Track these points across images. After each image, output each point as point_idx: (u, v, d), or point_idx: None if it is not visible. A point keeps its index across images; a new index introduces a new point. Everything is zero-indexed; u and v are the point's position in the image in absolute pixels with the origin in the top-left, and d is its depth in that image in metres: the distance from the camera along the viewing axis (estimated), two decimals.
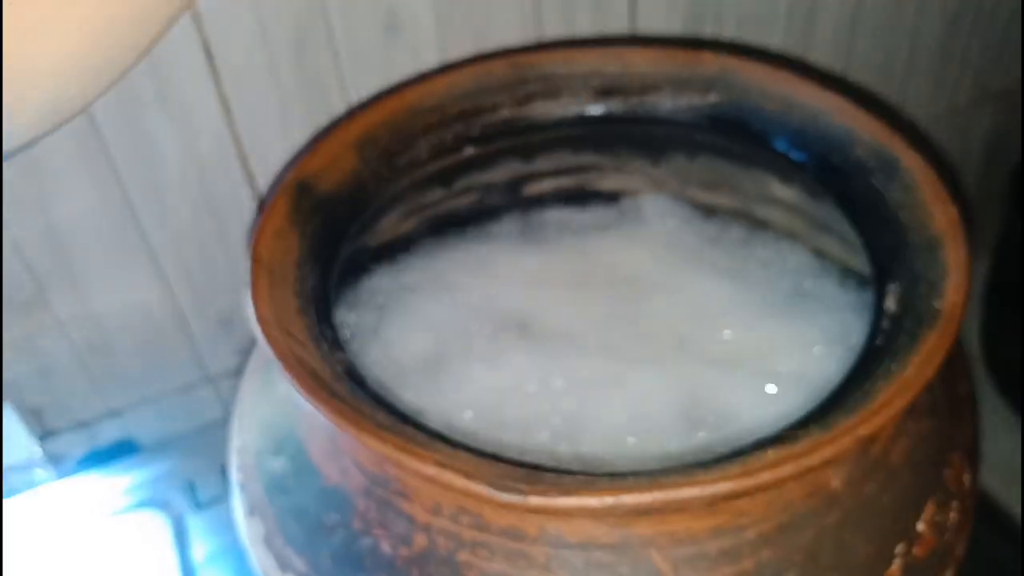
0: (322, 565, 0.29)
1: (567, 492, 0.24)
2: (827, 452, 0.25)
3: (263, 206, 0.34)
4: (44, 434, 0.57)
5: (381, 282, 0.42)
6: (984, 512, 0.51)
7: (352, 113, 0.42)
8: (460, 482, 0.24)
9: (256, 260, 0.31)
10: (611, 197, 0.47)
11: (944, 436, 0.32)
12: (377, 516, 0.28)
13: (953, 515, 0.31)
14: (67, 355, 0.54)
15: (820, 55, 0.66)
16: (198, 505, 0.52)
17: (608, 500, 0.23)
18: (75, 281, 0.51)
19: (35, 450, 0.65)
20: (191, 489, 0.53)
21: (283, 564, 0.30)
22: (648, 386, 0.35)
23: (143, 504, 0.53)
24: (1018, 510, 0.56)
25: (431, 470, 0.25)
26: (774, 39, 0.63)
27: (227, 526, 0.49)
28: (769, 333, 0.38)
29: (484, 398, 0.35)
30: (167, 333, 0.56)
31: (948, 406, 0.33)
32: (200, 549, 0.50)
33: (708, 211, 0.45)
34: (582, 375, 0.35)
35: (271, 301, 0.30)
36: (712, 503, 0.25)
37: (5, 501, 0.54)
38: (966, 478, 0.32)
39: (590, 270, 0.42)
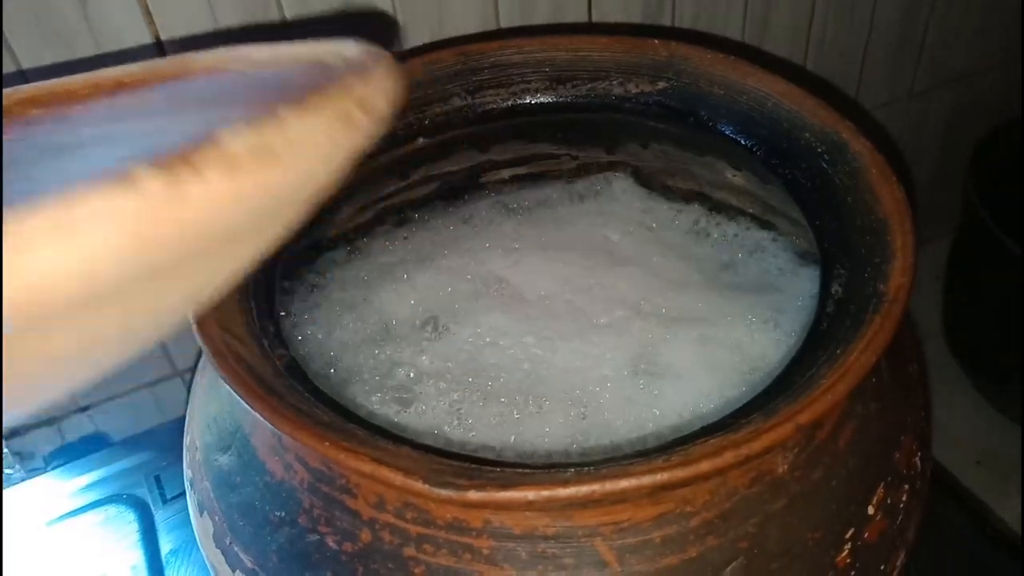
0: (269, 562, 0.29)
1: (505, 486, 0.23)
2: (768, 439, 0.25)
3: None
4: (10, 433, 0.56)
5: (364, 258, 0.43)
6: (945, 491, 0.52)
7: None
8: (398, 479, 0.24)
9: None
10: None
11: (893, 419, 0.32)
12: (322, 512, 0.28)
13: (904, 498, 0.31)
14: None
15: (777, 44, 0.66)
16: (164, 499, 0.52)
17: (545, 493, 0.23)
18: None
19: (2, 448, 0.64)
20: (158, 483, 0.53)
21: (232, 562, 0.30)
22: (604, 340, 0.38)
23: (110, 499, 0.53)
24: (980, 489, 0.57)
25: (368, 467, 0.24)
26: (731, 29, 0.63)
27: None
28: (716, 304, 0.39)
29: (465, 349, 0.38)
30: None
31: (897, 388, 0.33)
32: (167, 543, 0.49)
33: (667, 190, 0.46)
34: (549, 332, 0.38)
35: None
36: (653, 492, 0.25)
37: None
38: (917, 460, 0.32)
39: (563, 240, 0.44)
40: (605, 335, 0.38)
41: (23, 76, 0.43)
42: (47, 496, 0.53)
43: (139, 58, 0.46)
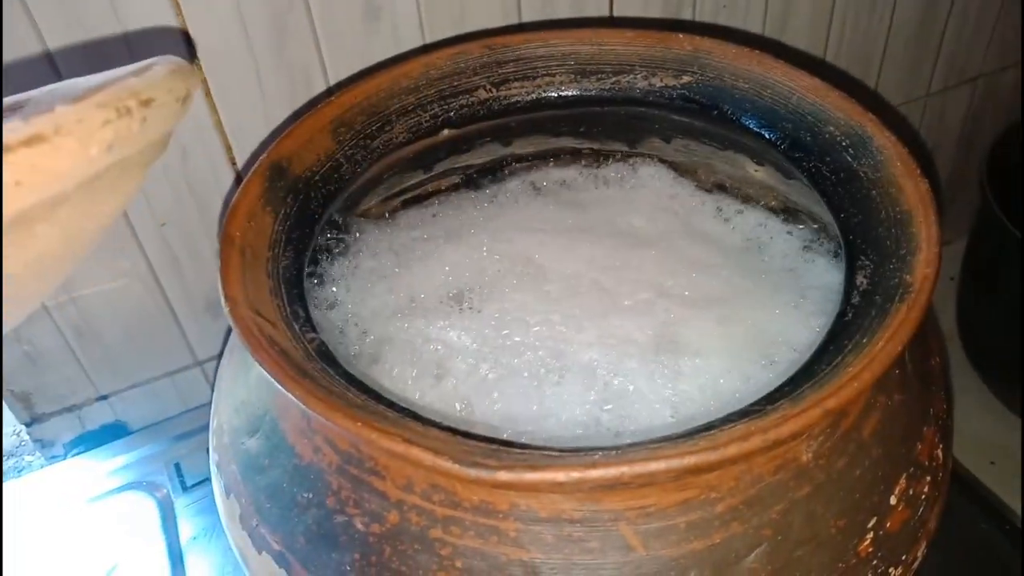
0: (296, 544, 0.29)
1: (534, 468, 0.24)
2: (795, 425, 0.25)
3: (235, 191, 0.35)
4: (32, 420, 0.56)
5: (397, 233, 0.44)
6: (959, 487, 0.52)
7: (328, 97, 0.42)
8: (428, 459, 0.24)
9: (227, 241, 0.31)
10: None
11: (916, 410, 0.32)
12: (350, 494, 0.28)
13: (926, 489, 0.31)
14: (54, 341, 0.54)
15: (798, 40, 0.66)
16: (184, 487, 0.52)
17: (575, 475, 0.23)
18: None
19: (23, 436, 0.65)
20: (178, 471, 0.53)
21: (259, 544, 0.30)
22: (629, 320, 0.38)
23: (130, 486, 0.53)
24: (993, 486, 0.57)
25: (400, 447, 0.25)
26: (752, 24, 0.63)
27: (213, 507, 0.49)
28: (738, 286, 0.40)
29: (493, 325, 0.39)
30: (154, 318, 0.56)
31: (920, 380, 0.33)
32: (187, 530, 0.50)
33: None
34: (575, 311, 0.39)
35: (242, 282, 0.30)
36: (679, 477, 0.25)
37: None
38: (939, 452, 0.32)
39: (590, 223, 0.44)
40: (629, 315, 0.38)
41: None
42: (67, 484, 0.54)
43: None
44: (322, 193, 0.37)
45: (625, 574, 0.26)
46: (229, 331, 0.59)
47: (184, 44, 0.46)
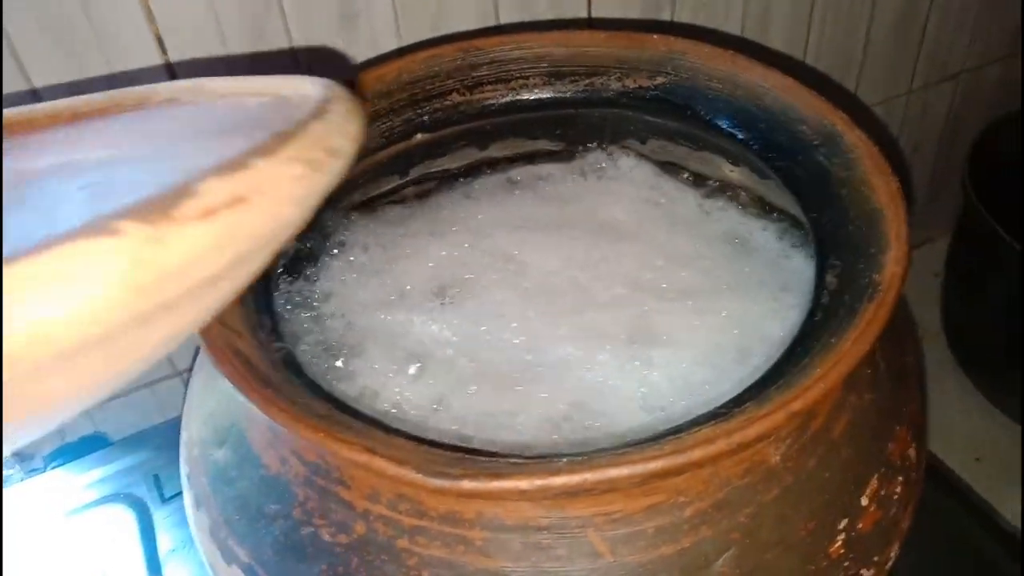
0: (264, 555, 0.29)
1: (498, 476, 0.24)
2: (761, 427, 0.25)
3: None
4: None
5: (380, 229, 0.44)
6: (944, 486, 0.52)
7: None
8: (392, 469, 0.24)
9: None
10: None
11: (888, 409, 0.32)
12: (317, 505, 0.28)
13: (898, 489, 0.31)
14: None
15: (778, 40, 0.66)
16: (163, 498, 0.52)
17: (538, 482, 0.23)
18: None
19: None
20: (156, 482, 0.53)
21: (228, 556, 0.30)
22: (603, 314, 0.39)
23: (109, 499, 0.53)
24: (980, 485, 0.57)
25: (363, 457, 0.24)
26: (731, 24, 0.63)
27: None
28: (715, 278, 0.40)
29: (471, 321, 0.39)
30: None
31: (892, 379, 0.33)
32: (165, 542, 0.49)
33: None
34: (552, 308, 0.39)
35: None
36: (645, 482, 0.25)
37: None
38: (912, 451, 0.32)
39: (570, 217, 0.44)
40: (606, 311, 0.38)
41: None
42: (46, 497, 0.53)
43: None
44: None
45: None
46: None
47: (158, 47, 0.45)
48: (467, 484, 0.24)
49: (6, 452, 0.20)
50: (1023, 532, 0.53)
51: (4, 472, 0.68)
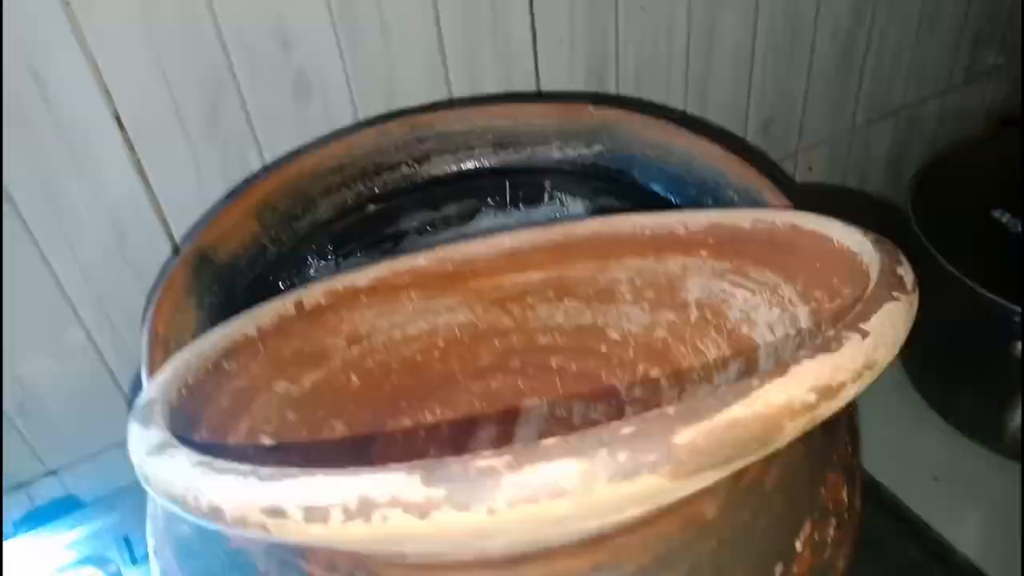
0: None
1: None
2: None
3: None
4: None
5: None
6: (893, 515, 0.54)
7: (251, 181, 0.43)
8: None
9: (153, 336, 0.32)
10: None
11: (819, 457, 0.34)
12: None
13: (832, 532, 0.33)
14: None
15: (719, 92, 0.69)
16: (135, 560, 0.53)
17: (481, 553, 0.25)
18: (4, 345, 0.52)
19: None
20: (127, 545, 0.54)
21: None
22: None
23: (81, 562, 0.53)
24: (937, 504, 0.59)
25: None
26: (675, 87, 0.66)
27: None
28: None
29: None
30: (98, 391, 0.57)
31: (822, 428, 0.34)
32: None
33: None
34: None
35: None
36: (589, 544, 0.27)
37: None
38: (844, 495, 0.34)
39: None
40: None
41: None
42: (17, 563, 0.54)
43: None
44: (248, 277, 0.38)
45: None
46: None
47: (116, 126, 0.47)
48: (413, 559, 0.25)
49: None
50: None
51: None
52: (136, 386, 0.57)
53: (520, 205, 0.46)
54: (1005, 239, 0.64)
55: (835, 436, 0.35)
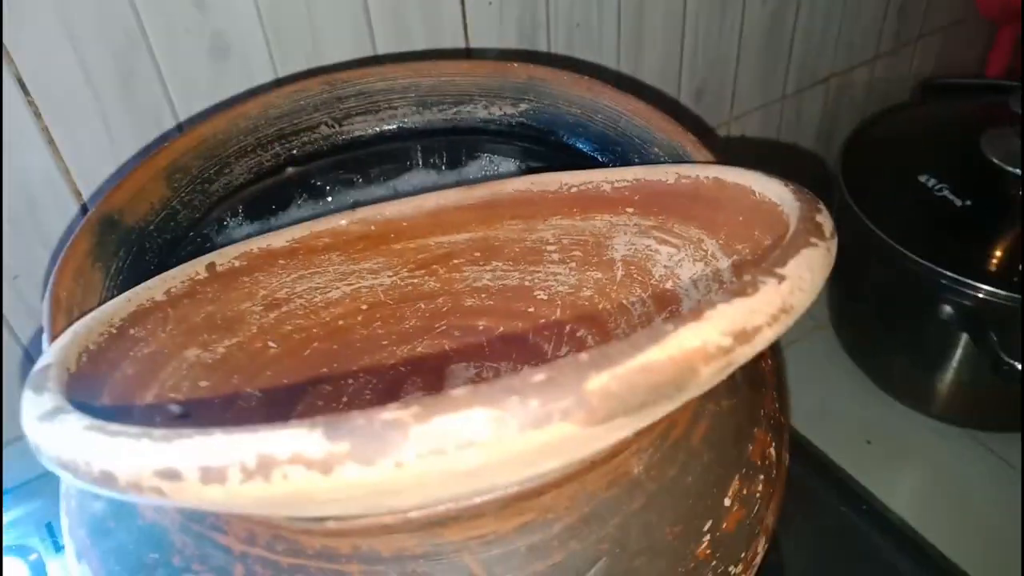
0: None
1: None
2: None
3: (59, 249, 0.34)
4: None
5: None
6: (825, 473, 0.54)
7: (160, 144, 0.42)
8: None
9: (54, 303, 0.31)
10: None
11: (745, 413, 0.33)
12: (195, 551, 0.28)
13: (760, 488, 0.33)
14: None
15: (652, 58, 0.69)
16: (57, 547, 0.51)
17: (400, 515, 0.24)
18: None
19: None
20: (50, 531, 0.52)
21: None
22: None
23: (5, 550, 0.51)
24: (871, 465, 0.60)
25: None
26: (607, 47, 0.65)
27: None
28: None
29: None
30: (13, 373, 0.54)
31: (749, 385, 0.34)
32: None
33: None
34: None
35: None
36: (513, 502, 0.26)
37: None
38: (771, 451, 0.34)
39: None
40: None
41: None
42: None
43: None
44: (158, 242, 0.37)
45: None
46: None
47: (20, 91, 0.45)
48: (332, 525, 0.24)
49: None
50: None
51: None
52: None
53: (446, 166, 0.45)
54: (932, 204, 0.65)
55: (762, 392, 0.35)
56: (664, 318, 0.32)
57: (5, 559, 0.51)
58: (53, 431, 0.20)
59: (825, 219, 0.25)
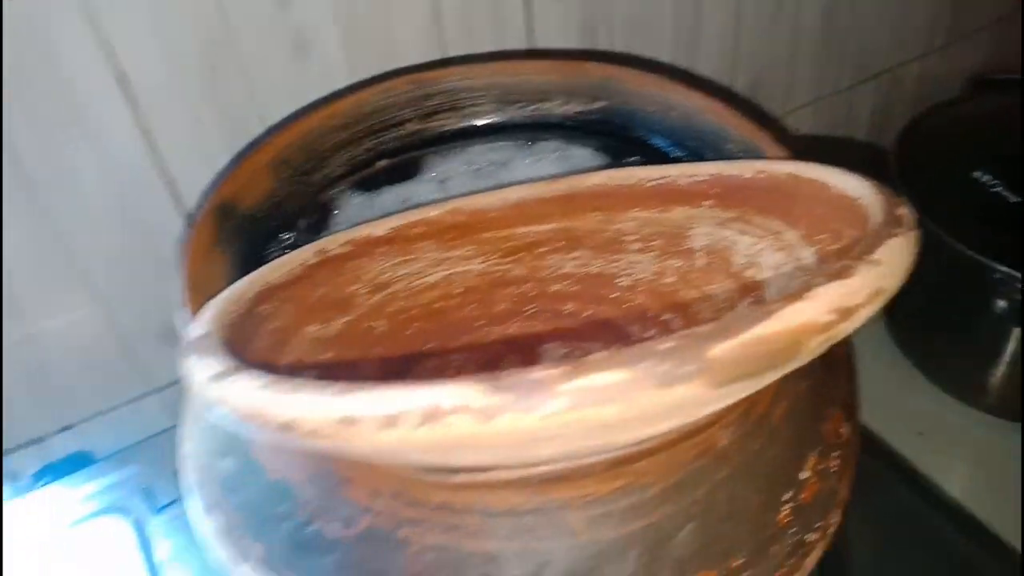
0: (277, 552, 0.32)
1: (487, 467, 0.27)
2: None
3: (185, 232, 0.37)
4: None
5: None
6: (885, 461, 0.56)
7: (265, 136, 0.45)
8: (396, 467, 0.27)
9: (188, 281, 0.34)
10: None
11: (821, 394, 0.36)
12: (321, 503, 0.31)
13: (835, 463, 0.35)
14: (13, 377, 0.55)
15: (707, 53, 0.71)
16: (156, 509, 0.54)
17: (518, 473, 0.27)
18: (13, 308, 0.53)
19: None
20: (149, 494, 0.55)
21: (242, 555, 0.33)
22: None
23: (104, 511, 0.55)
24: (921, 458, 0.61)
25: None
26: (663, 47, 0.67)
27: (184, 528, 0.52)
28: None
29: None
30: (109, 349, 0.58)
31: (824, 368, 0.37)
32: (161, 550, 0.52)
33: None
34: None
35: None
36: (613, 467, 0.29)
37: None
38: (844, 430, 0.36)
39: None
40: None
41: None
42: (40, 513, 0.55)
43: None
44: (267, 229, 0.40)
45: (573, 556, 0.30)
46: None
47: (117, 85, 0.48)
48: (460, 478, 0.27)
49: None
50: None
51: None
52: (146, 343, 0.59)
53: (526, 160, 0.47)
54: (987, 200, 0.67)
55: (836, 375, 0.37)
56: (749, 303, 0.34)
57: (107, 519, 0.54)
58: (231, 389, 0.23)
59: (905, 211, 0.27)
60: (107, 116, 0.49)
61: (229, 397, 0.23)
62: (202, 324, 0.29)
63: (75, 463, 0.61)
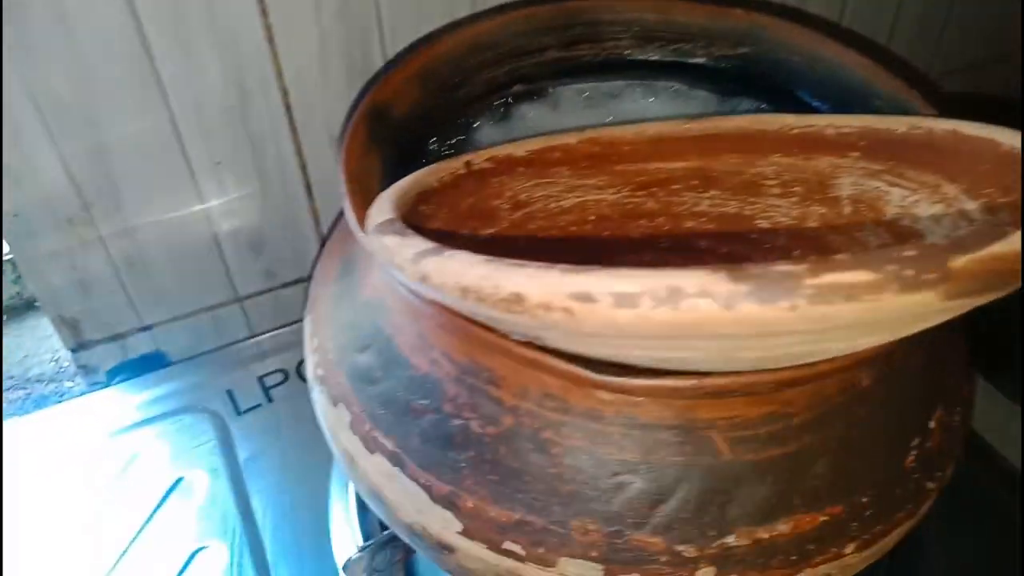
0: (411, 444, 0.33)
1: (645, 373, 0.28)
2: (851, 358, 0.29)
3: (344, 131, 0.38)
4: (78, 346, 0.59)
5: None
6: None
7: (416, 46, 0.45)
8: (561, 365, 0.28)
9: (348, 175, 0.34)
10: None
11: (951, 351, 0.36)
12: (467, 400, 0.32)
13: (956, 419, 0.36)
14: (106, 270, 0.56)
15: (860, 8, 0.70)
16: (239, 411, 0.55)
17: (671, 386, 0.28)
18: (119, 199, 0.54)
19: (62, 362, 0.66)
20: (231, 397, 0.56)
21: (371, 446, 0.34)
22: None
23: (187, 409, 0.57)
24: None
25: (531, 354, 0.28)
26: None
27: (266, 430, 0.53)
28: None
29: None
30: (201, 253, 0.59)
31: (955, 328, 0.37)
32: (242, 451, 0.53)
33: None
34: None
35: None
36: (756, 392, 0.29)
37: (39, 411, 0.57)
38: (966, 388, 0.37)
39: None
40: None
41: None
42: (121, 407, 0.57)
43: None
44: (416, 136, 0.40)
45: (712, 475, 0.30)
46: (274, 272, 0.62)
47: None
48: (634, 381, 0.28)
49: None
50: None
51: (65, 384, 0.70)
52: (239, 257, 0.59)
53: (661, 100, 0.48)
54: None
55: (962, 336, 0.38)
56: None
57: (190, 415, 0.55)
58: (447, 263, 0.24)
59: None
60: (239, 18, 0.49)
61: (447, 271, 0.23)
62: (384, 211, 0.29)
63: (149, 363, 0.62)
